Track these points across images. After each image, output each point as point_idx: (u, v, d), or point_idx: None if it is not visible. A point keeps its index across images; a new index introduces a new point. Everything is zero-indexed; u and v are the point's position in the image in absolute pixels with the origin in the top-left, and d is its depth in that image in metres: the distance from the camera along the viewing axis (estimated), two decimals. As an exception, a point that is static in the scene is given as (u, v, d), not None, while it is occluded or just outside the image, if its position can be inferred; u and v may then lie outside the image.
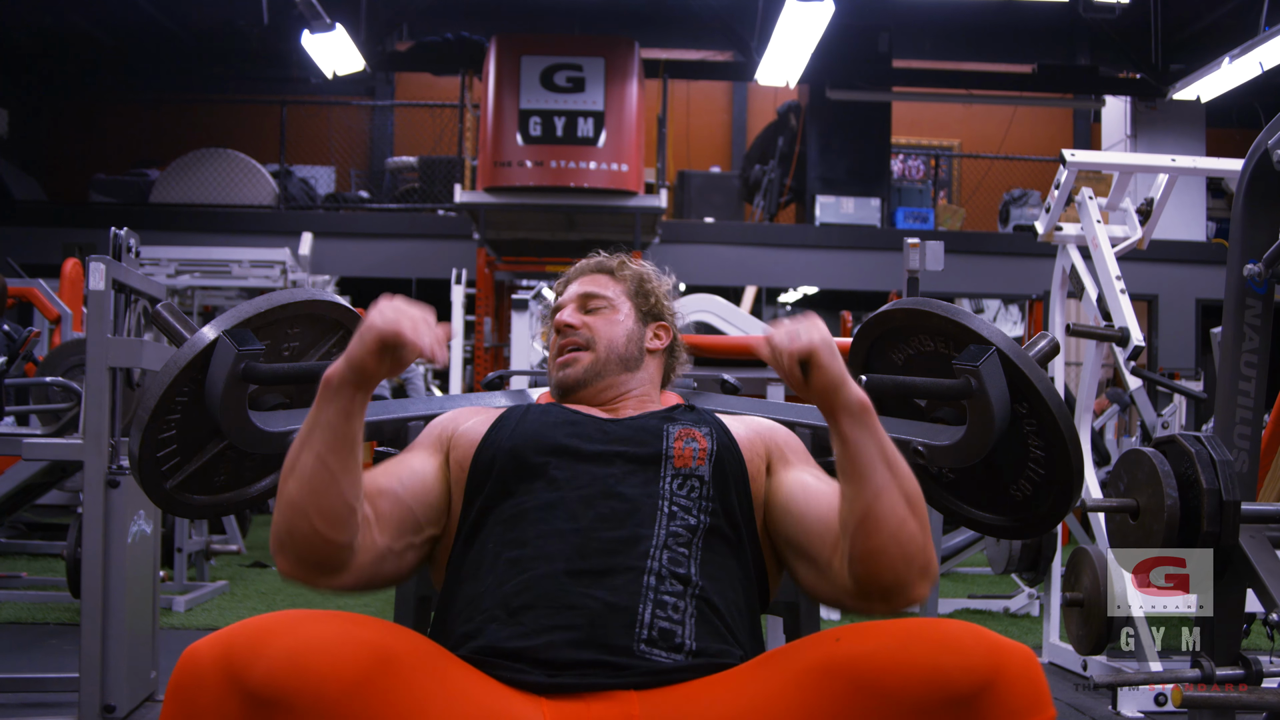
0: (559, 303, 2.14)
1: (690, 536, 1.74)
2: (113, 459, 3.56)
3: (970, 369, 1.84)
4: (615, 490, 1.77)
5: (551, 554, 1.69)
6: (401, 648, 1.48)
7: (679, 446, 1.85)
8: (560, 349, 2.06)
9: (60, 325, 6.50)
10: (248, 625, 1.44)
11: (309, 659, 1.38)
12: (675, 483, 1.81)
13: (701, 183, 13.33)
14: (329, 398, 1.65)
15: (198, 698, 1.39)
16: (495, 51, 9.85)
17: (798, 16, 9.17)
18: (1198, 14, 12.12)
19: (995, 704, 1.41)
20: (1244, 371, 2.66)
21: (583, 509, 1.74)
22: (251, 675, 1.37)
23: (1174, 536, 2.37)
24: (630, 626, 1.62)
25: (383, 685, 1.41)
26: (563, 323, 2.08)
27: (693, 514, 1.77)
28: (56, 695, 3.87)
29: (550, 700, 1.57)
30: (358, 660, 1.40)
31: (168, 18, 13.17)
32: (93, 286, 3.48)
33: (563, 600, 1.64)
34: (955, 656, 1.43)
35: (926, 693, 1.41)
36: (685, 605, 1.66)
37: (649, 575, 1.67)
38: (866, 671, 1.45)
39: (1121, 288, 4.39)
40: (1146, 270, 11.48)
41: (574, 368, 2.03)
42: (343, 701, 1.37)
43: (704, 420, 1.93)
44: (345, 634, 1.43)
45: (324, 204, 13.41)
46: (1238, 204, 2.69)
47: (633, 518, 1.74)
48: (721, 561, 1.76)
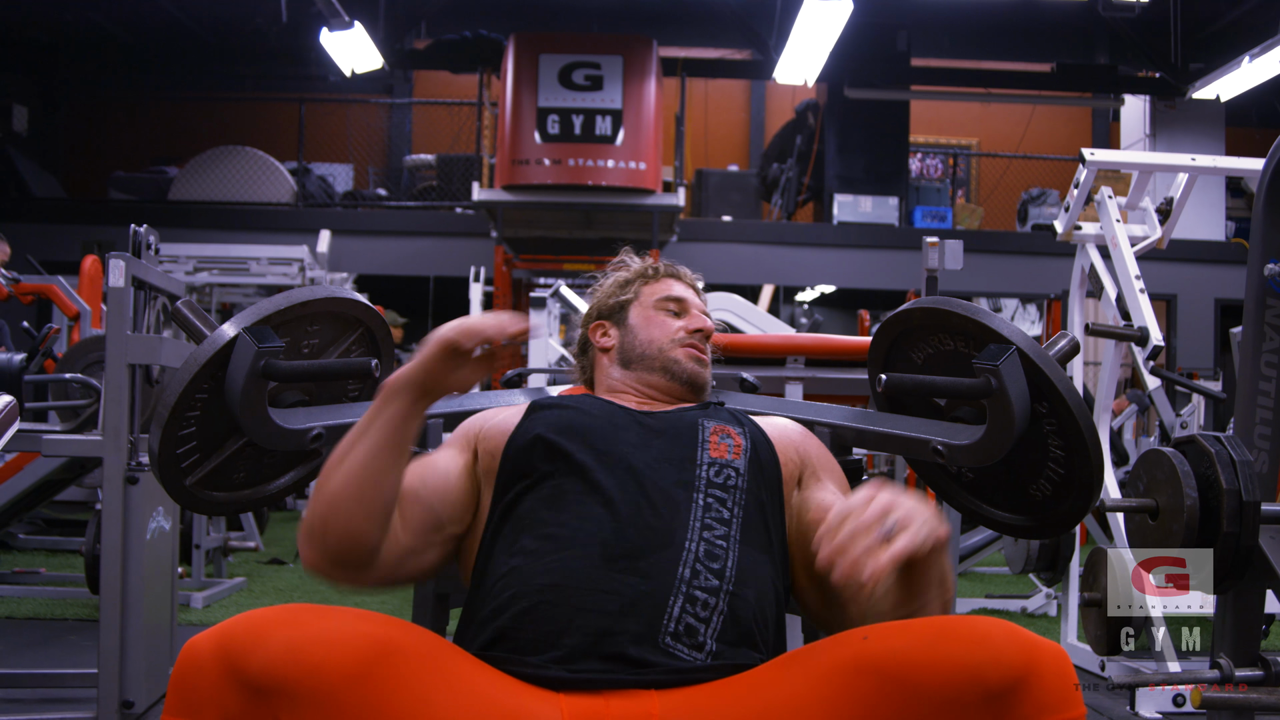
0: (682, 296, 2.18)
1: (725, 530, 1.74)
2: (132, 455, 3.57)
3: (990, 368, 1.83)
4: (651, 479, 1.78)
5: (587, 538, 1.69)
6: (405, 641, 1.48)
7: (715, 440, 1.86)
8: (694, 344, 2.11)
9: (79, 322, 6.51)
10: (247, 617, 1.46)
11: (308, 649, 1.40)
12: (711, 471, 1.81)
13: (719, 181, 13.33)
14: (389, 399, 1.70)
15: (197, 688, 1.41)
16: (514, 50, 9.85)
17: (816, 15, 9.15)
18: (1218, 13, 12.06)
19: (1028, 699, 1.41)
20: (1264, 372, 2.64)
21: (620, 495, 1.74)
22: (250, 665, 1.39)
23: (1193, 537, 2.36)
24: (658, 618, 1.62)
25: (383, 676, 1.42)
26: (704, 329, 2.14)
27: (727, 507, 1.77)
28: (75, 691, 3.88)
29: (569, 696, 1.56)
30: (357, 651, 1.41)
31: (187, 16, 13.20)
32: (112, 283, 3.48)
33: (596, 584, 1.64)
34: (989, 651, 1.42)
35: (960, 687, 1.41)
36: (716, 602, 1.65)
37: (684, 567, 1.67)
38: (898, 667, 1.44)
39: (1141, 287, 4.37)
40: (1166, 270, 11.44)
41: (704, 371, 2.11)
42: (341, 690, 1.38)
43: (738, 419, 1.94)
44: (346, 626, 1.45)
45: (342, 202, 13.43)
46: (1258, 203, 2.68)
47: (669, 507, 1.74)
48: (755, 557, 1.75)
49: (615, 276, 2.24)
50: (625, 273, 2.23)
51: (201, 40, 13.92)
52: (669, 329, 2.11)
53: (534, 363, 6.39)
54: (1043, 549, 4.70)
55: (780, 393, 3.51)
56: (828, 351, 3.65)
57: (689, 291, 2.19)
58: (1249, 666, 2.40)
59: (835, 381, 3.66)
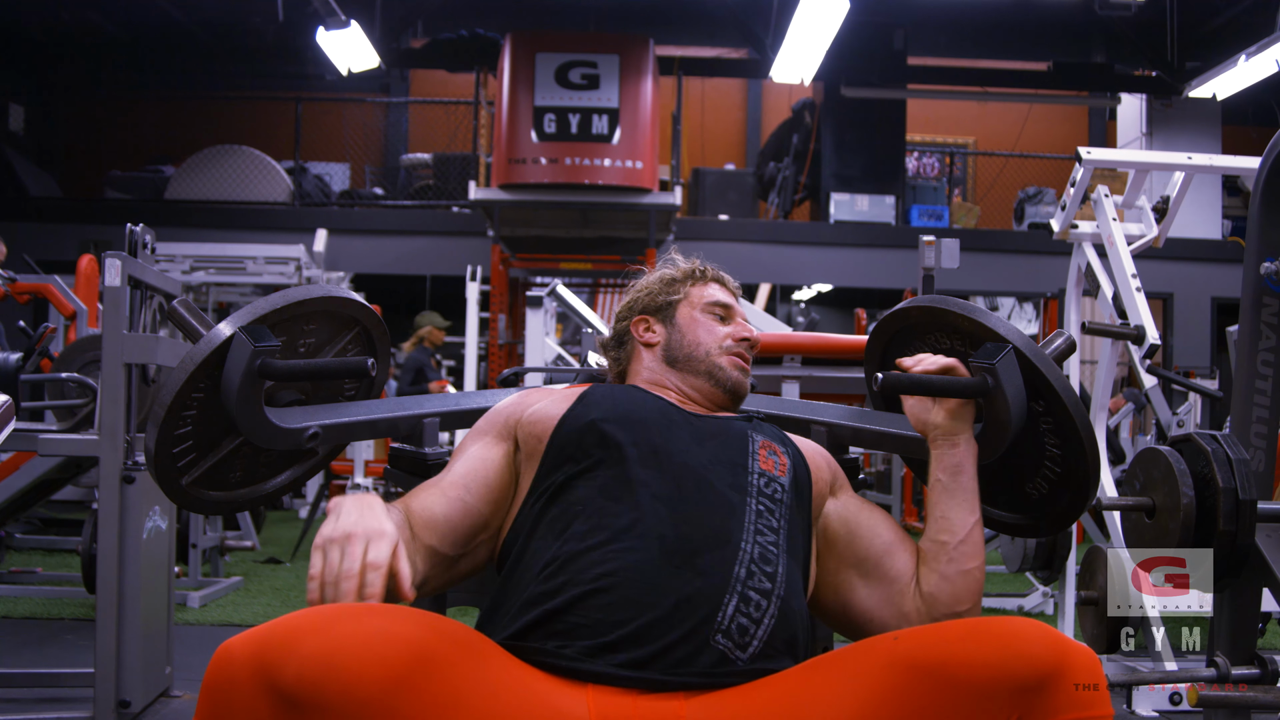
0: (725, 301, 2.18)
1: (774, 538, 1.76)
2: (128, 455, 3.57)
3: (987, 367, 1.83)
4: (708, 479, 1.79)
5: (645, 531, 1.69)
6: (440, 643, 1.46)
7: (763, 454, 1.88)
8: (740, 353, 2.11)
9: (76, 321, 6.50)
10: (282, 623, 1.41)
11: (342, 659, 1.36)
12: (762, 481, 1.82)
13: (716, 180, 13.33)
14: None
15: (232, 697, 1.38)
16: (510, 48, 9.85)
17: (813, 13, 9.15)
18: (1214, 11, 12.07)
19: (1059, 695, 1.42)
20: (1260, 370, 2.64)
21: (678, 492, 1.75)
22: (284, 676, 1.35)
23: (1189, 535, 2.36)
24: (713, 615, 1.62)
25: (419, 684, 1.39)
26: (747, 336, 2.14)
27: (775, 517, 1.79)
28: (72, 690, 3.88)
29: (596, 691, 1.55)
30: (393, 660, 1.38)
31: (183, 14, 13.20)
32: (108, 282, 3.48)
33: (653, 578, 1.64)
34: (1023, 645, 1.45)
35: (992, 681, 1.42)
36: (768, 605, 1.66)
37: (740, 566, 1.68)
38: (932, 661, 1.46)
39: (1137, 286, 4.37)
40: (1162, 268, 11.45)
41: (746, 380, 2.11)
42: (377, 701, 1.35)
43: (779, 437, 1.96)
44: (380, 631, 1.41)
45: (338, 201, 13.42)
46: (1255, 202, 2.68)
47: (725, 508, 1.75)
48: (794, 569, 1.77)
49: (662, 273, 2.22)
50: (673, 271, 2.22)
51: (198, 39, 13.92)
52: (717, 335, 2.11)
53: (530, 361, 6.38)
54: (1039, 547, 4.70)
55: (777, 391, 3.51)
56: (824, 350, 3.66)
57: (733, 299, 2.20)
58: (1245, 665, 2.40)
59: (831, 380, 3.67)
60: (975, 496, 1.85)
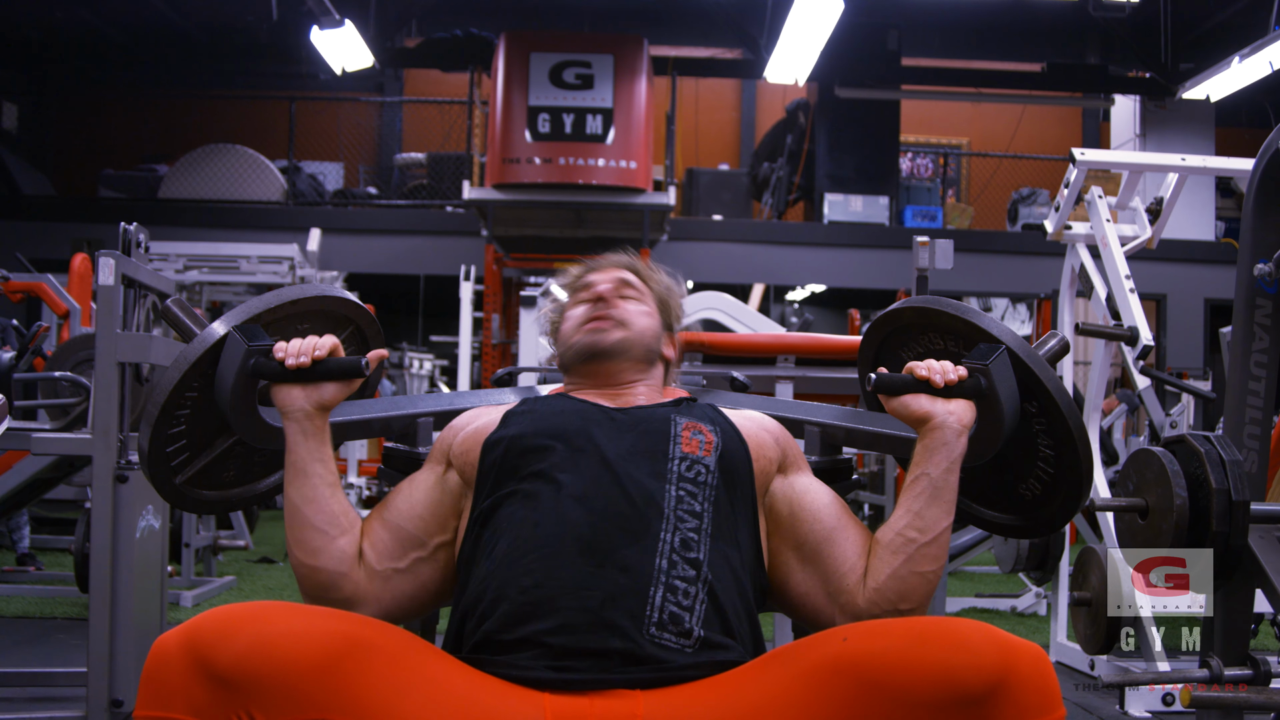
0: (591, 279, 2.11)
1: (697, 523, 1.75)
2: (121, 454, 3.56)
3: (980, 367, 1.83)
4: (625, 471, 1.78)
5: (563, 535, 1.70)
6: (377, 638, 1.50)
7: (686, 436, 1.86)
8: (591, 317, 2.04)
9: (68, 320, 6.49)
10: (215, 613, 1.48)
11: (277, 644, 1.42)
12: (683, 465, 1.81)
13: (710, 180, 13.33)
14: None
15: (166, 681, 1.43)
16: (504, 48, 9.83)
17: (807, 14, 9.17)
18: (1208, 13, 12.09)
19: (1006, 703, 1.42)
20: (1254, 371, 2.65)
21: (593, 491, 1.75)
22: (218, 659, 1.41)
23: (1183, 536, 2.36)
24: (640, 609, 1.63)
25: (352, 670, 1.44)
26: (598, 294, 2.06)
27: (698, 501, 1.78)
28: (64, 690, 3.87)
29: (553, 697, 1.57)
30: (325, 646, 1.44)
31: (176, 13, 13.17)
32: (102, 281, 3.47)
33: (577, 581, 1.65)
34: (966, 655, 1.44)
35: (937, 692, 1.42)
36: (696, 591, 1.67)
37: (660, 558, 1.68)
38: (876, 670, 1.46)
39: (1130, 287, 4.38)
40: (1155, 269, 11.46)
41: (606, 335, 2.01)
42: (310, 682, 1.41)
43: (709, 416, 1.94)
44: (316, 623, 1.48)
45: (332, 200, 13.41)
46: (1248, 203, 2.69)
47: (643, 501, 1.74)
48: (725, 552, 1.76)
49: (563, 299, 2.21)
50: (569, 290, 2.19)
51: (192, 38, 13.90)
52: (574, 319, 2.07)
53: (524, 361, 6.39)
54: (1032, 548, 4.71)
55: (770, 392, 3.51)
56: (818, 351, 3.66)
57: (604, 273, 2.13)
58: (1238, 666, 2.40)
59: (825, 381, 3.66)
60: (954, 500, 1.81)
